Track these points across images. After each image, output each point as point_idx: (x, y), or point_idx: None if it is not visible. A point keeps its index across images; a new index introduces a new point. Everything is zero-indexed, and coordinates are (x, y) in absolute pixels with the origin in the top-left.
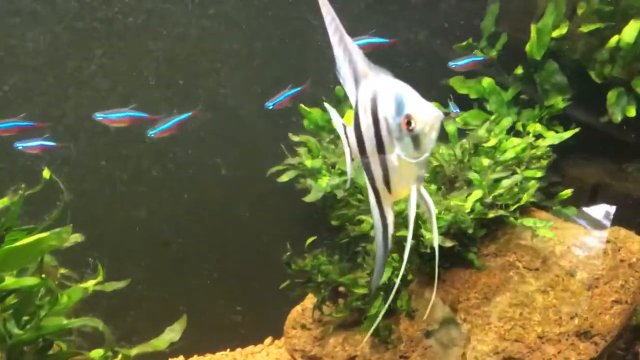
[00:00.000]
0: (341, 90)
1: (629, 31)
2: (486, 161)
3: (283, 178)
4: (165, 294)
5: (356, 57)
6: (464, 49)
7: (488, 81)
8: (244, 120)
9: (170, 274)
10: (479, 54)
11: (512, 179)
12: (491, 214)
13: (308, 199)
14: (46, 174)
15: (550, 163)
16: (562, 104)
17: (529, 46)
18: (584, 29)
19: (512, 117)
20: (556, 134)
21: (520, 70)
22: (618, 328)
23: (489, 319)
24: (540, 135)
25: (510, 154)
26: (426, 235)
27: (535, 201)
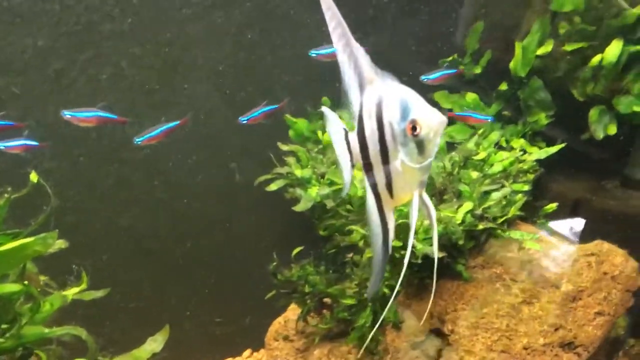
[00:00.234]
0: (327, 101)
1: (612, 50)
2: (475, 174)
3: (272, 187)
4: (144, 305)
5: (362, 62)
6: (449, 64)
7: (472, 96)
8: (230, 128)
9: (150, 284)
10: (463, 69)
11: (502, 191)
12: (481, 226)
13: (298, 208)
14: (34, 177)
15: (536, 177)
16: (545, 120)
17: (513, 63)
18: (568, 48)
19: (498, 132)
20: (542, 149)
21: (504, 87)
22: (600, 339)
23: (476, 330)
24: (525, 150)
25: (499, 167)
26: (417, 246)
27: (521, 214)
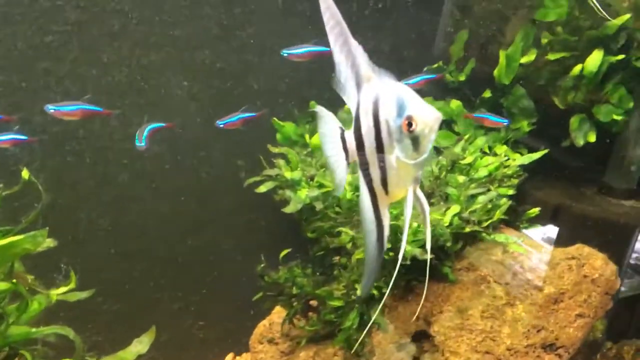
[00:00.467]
0: (314, 104)
1: (592, 60)
2: (461, 178)
3: (261, 189)
4: (126, 307)
5: (360, 61)
6: (434, 70)
7: (456, 103)
8: (218, 130)
9: (132, 286)
10: (448, 77)
11: (488, 195)
12: (467, 229)
13: (288, 209)
14: (25, 174)
15: (520, 182)
16: (528, 128)
17: (497, 71)
18: (551, 57)
19: (483, 138)
20: (525, 155)
21: (488, 94)
22: (581, 341)
23: (461, 332)
24: (508, 157)
25: (484, 172)
26: (405, 248)
27: (505, 218)
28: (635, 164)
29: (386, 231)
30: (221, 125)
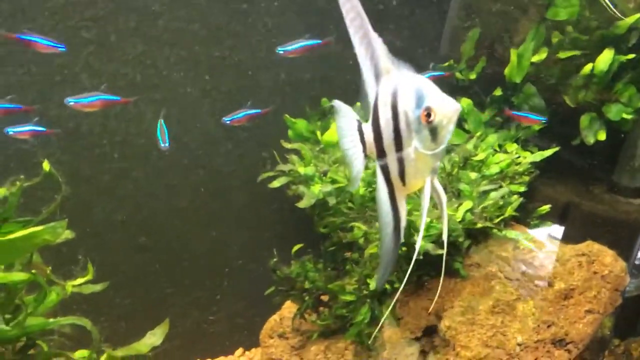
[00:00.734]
0: (326, 101)
1: (603, 59)
2: (473, 174)
3: (274, 184)
4: (137, 301)
5: (379, 54)
6: (445, 69)
7: (467, 102)
8: (229, 126)
9: (144, 281)
10: (458, 75)
11: (500, 191)
12: (479, 225)
13: (301, 204)
14: (46, 166)
15: (532, 179)
16: (538, 126)
17: (508, 70)
18: (562, 55)
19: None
20: (537, 152)
21: (499, 92)
22: (590, 336)
23: (472, 327)
24: (519, 155)
25: (496, 169)
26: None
27: (516, 215)
28: None
29: (403, 223)
30: (227, 122)
